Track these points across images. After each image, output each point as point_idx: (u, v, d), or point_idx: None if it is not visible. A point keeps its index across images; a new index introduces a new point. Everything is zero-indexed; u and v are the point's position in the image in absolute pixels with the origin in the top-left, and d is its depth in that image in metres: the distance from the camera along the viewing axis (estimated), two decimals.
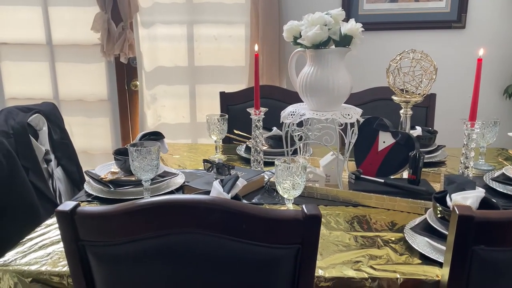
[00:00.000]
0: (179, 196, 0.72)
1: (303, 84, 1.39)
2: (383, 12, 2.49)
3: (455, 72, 2.50)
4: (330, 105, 1.40)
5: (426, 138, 1.75)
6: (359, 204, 1.32)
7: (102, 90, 2.71)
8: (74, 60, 2.67)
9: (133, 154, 1.20)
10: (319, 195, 1.37)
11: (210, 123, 1.74)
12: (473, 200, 1.06)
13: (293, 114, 1.42)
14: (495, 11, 2.41)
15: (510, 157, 1.74)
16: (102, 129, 2.76)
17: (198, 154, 1.84)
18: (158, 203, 0.71)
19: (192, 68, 2.63)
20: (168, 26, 2.56)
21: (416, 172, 1.33)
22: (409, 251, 1.04)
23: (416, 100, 1.42)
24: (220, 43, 2.58)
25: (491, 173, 1.51)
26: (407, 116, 1.46)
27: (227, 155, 1.82)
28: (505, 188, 1.38)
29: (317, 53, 1.36)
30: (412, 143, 1.39)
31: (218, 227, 0.71)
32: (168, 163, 1.71)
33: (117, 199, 1.32)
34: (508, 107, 2.53)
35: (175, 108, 2.70)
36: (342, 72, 1.38)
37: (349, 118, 1.37)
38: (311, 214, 0.72)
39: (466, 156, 1.34)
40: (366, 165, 1.48)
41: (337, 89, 1.36)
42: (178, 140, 2.72)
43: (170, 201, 0.70)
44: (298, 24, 1.38)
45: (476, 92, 1.31)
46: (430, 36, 2.49)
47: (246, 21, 2.51)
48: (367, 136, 1.48)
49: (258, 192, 1.41)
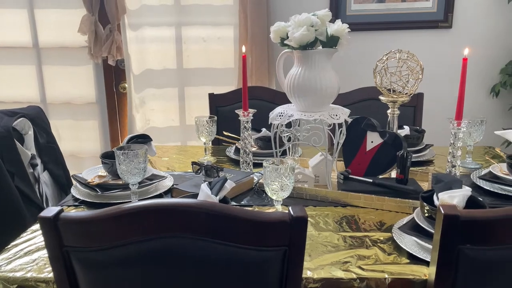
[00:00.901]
0: (164, 200, 0.71)
1: (290, 85, 1.39)
2: (370, 13, 2.50)
3: (442, 71, 2.52)
4: (318, 105, 1.40)
5: (414, 138, 1.76)
6: (348, 204, 1.32)
7: (90, 92, 2.69)
8: (61, 62, 2.64)
9: (120, 158, 1.19)
10: (308, 195, 1.37)
11: (198, 125, 1.73)
12: (459, 199, 1.07)
13: (281, 115, 1.42)
14: (481, 10, 2.44)
15: (497, 155, 1.75)
16: (91, 132, 2.74)
17: (187, 156, 1.83)
18: (144, 207, 0.70)
19: (181, 70, 2.62)
20: (156, 28, 2.54)
21: (404, 171, 1.34)
22: (397, 251, 1.05)
23: (403, 100, 1.43)
24: (209, 44, 2.57)
25: (478, 172, 1.53)
26: (394, 116, 1.46)
27: (216, 157, 1.82)
28: (492, 186, 1.39)
29: (304, 54, 1.36)
30: (400, 143, 1.40)
31: (205, 230, 0.71)
32: (156, 165, 1.70)
33: (104, 203, 1.30)
34: (495, 106, 2.56)
35: (164, 111, 2.69)
36: (330, 72, 1.38)
37: (337, 118, 1.37)
38: (298, 216, 0.71)
39: (453, 155, 1.35)
40: (355, 165, 1.48)
41: (325, 89, 1.36)
42: (168, 144, 2.70)
43: (156, 205, 0.70)
44: (285, 25, 1.38)
45: (462, 91, 1.32)
46: (417, 35, 2.51)
47: (235, 22, 2.51)
48: (356, 136, 1.48)
49: (248, 194, 1.41)
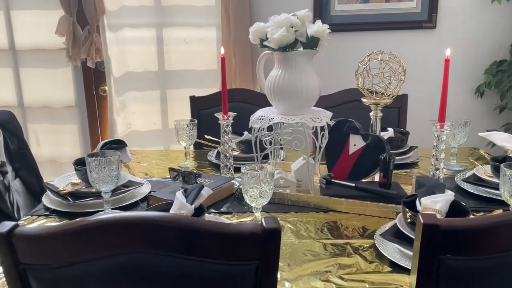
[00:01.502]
0: (126, 214, 0.67)
1: (271, 88, 1.36)
2: (354, 13, 2.48)
3: (426, 72, 2.51)
4: (299, 108, 1.36)
5: (398, 140, 1.74)
6: (330, 210, 1.28)
7: (69, 96, 2.61)
8: (39, 65, 2.57)
9: (91, 165, 1.14)
10: (289, 201, 1.33)
11: (178, 128, 1.68)
12: (442, 204, 1.04)
13: (261, 119, 1.38)
14: (465, 11, 2.43)
15: (481, 156, 1.74)
16: (70, 136, 2.66)
17: (167, 161, 1.78)
18: (104, 222, 0.65)
19: (163, 73, 2.57)
20: (137, 30, 2.49)
21: (387, 175, 1.31)
22: (379, 258, 1.01)
23: (385, 102, 1.40)
24: (191, 46, 2.52)
25: (462, 174, 1.51)
26: (377, 118, 1.43)
27: (197, 162, 1.77)
28: (476, 189, 1.37)
29: (284, 55, 1.32)
30: (382, 146, 1.36)
31: (171, 245, 0.66)
32: (134, 171, 1.64)
33: (76, 212, 1.25)
34: (479, 106, 2.55)
35: (146, 114, 2.63)
36: (311, 74, 1.35)
37: (318, 121, 1.34)
38: (270, 227, 0.67)
39: (437, 158, 1.32)
40: (338, 169, 1.45)
41: (306, 92, 1.33)
42: (150, 148, 2.64)
43: (117, 220, 0.65)
44: (264, 26, 1.34)
45: (444, 93, 1.29)
46: (402, 36, 2.49)
47: (217, 23, 2.46)
48: (338, 139, 1.45)
49: (228, 200, 1.36)
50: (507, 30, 2.43)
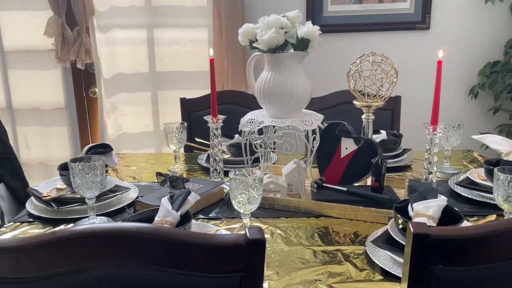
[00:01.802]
0: (102, 225, 0.63)
1: (261, 90, 1.33)
2: (348, 14, 2.46)
3: (420, 73, 2.49)
4: (290, 111, 1.33)
5: (391, 142, 1.72)
6: (321, 215, 1.25)
7: (58, 98, 2.57)
8: (28, 66, 2.52)
9: (74, 170, 1.10)
10: (280, 206, 1.30)
11: (167, 132, 1.64)
12: (434, 209, 1.01)
13: (251, 122, 1.35)
14: (459, 11, 2.41)
15: (475, 159, 1.72)
16: (60, 139, 2.62)
17: (156, 164, 1.75)
18: (79, 233, 0.62)
19: (154, 74, 2.53)
20: (127, 30, 2.45)
21: (379, 179, 1.28)
22: (371, 266, 0.99)
23: (377, 105, 1.37)
24: (182, 47, 2.49)
25: (456, 177, 1.48)
26: (369, 121, 1.41)
27: (188, 165, 1.74)
28: (470, 193, 1.34)
29: (274, 57, 1.30)
30: (375, 149, 1.34)
31: (150, 258, 0.63)
32: (122, 175, 1.61)
33: (61, 219, 1.21)
34: (474, 108, 2.54)
35: (137, 116, 2.59)
36: (301, 76, 1.32)
37: (309, 124, 1.31)
38: (254, 238, 0.64)
39: (430, 161, 1.30)
40: (330, 173, 1.42)
41: (296, 94, 1.30)
42: (141, 150, 2.61)
43: (92, 231, 0.62)
44: (254, 27, 1.31)
45: (437, 95, 1.27)
46: (395, 37, 2.47)
47: (209, 24, 2.43)
48: (330, 143, 1.42)
49: (217, 205, 1.33)
50: (501, 31, 2.41)
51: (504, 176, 1.06)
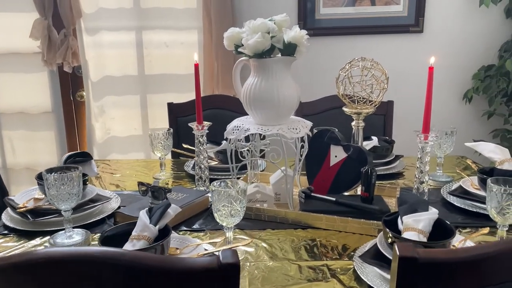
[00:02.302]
0: (61, 249, 0.59)
1: (247, 96, 1.28)
2: (340, 17, 2.42)
3: (413, 77, 2.45)
4: (277, 118, 1.29)
5: (383, 149, 1.67)
6: (309, 226, 1.21)
7: (45, 101, 2.52)
8: (13, 69, 2.47)
9: (48, 181, 1.05)
10: (266, 217, 1.25)
11: (153, 138, 1.60)
12: (425, 223, 0.97)
13: (237, 129, 1.30)
14: (453, 14, 2.38)
15: (468, 166, 1.68)
16: (47, 143, 2.56)
17: (142, 171, 1.70)
18: (36, 259, 0.57)
19: (143, 77, 2.48)
20: (115, 33, 2.40)
21: (369, 189, 1.24)
22: (358, 283, 0.94)
23: (367, 112, 1.33)
24: (172, 49, 2.44)
25: (449, 185, 1.44)
26: (359, 128, 1.36)
27: (174, 172, 1.69)
28: (463, 203, 1.30)
29: (260, 62, 1.25)
30: (364, 158, 1.30)
31: (115, 285, 0.58)
32: (105, 183, 1.56)
33: (36, 232, 1.16)
34: (468, 112, 2.50)
35: (126, 119, 2.54)
36: (289, 82, 1.27)
37: (296, 132, 1.26)
38: (227, 263, 0.60)
39: (421, 170, 1.25)
40: (319, 181, 1.38)
41: (283, 101, 1.25)
42: (130, 154, 2.56)
43: (50, 256, 0.57)
44: (239, 32, 1.26)
45: (428, 102, 1.23)
46: (388, 40, 2.44)
47: (199, 26, 2.38)
48: (319, 150, 1.37)
49: (202, 216, 1.28)
50: (495, 34, 2.38)
51: (498, 188, 1.02)
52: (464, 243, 1.04)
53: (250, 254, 1.06)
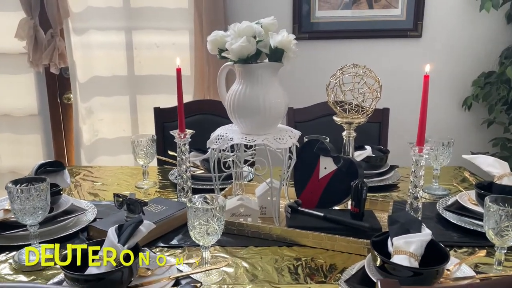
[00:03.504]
0: None
1: (231, 104, 1.21)
2: (336, 20, 2.34)
3: (411, 83, 2.38)
4: (263, 127, 1.21)
5: (377, 159, 1.60)
6: (295, 243, 1.13)
7: (31, 103, 2.44)
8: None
9: (12, 194, 0.97)
10: (250, 232, 1.18)
11: (135, 145, 1.52)
12: (417, 245, 0.90)
13: (220, 138, 1.22)
14: (452, 19, 2.30)
15: (466, 178, 1.60)
16: (33, 147, 2.49)
17: (125, 179, 1.62)
18: None
19: (132, 78, 2.41)
20: (104, 33, 2.33)
21: (359, 204, 1.16)
22: None
23: (359, 122, 1.26)
24: (162, 50, 2.37)
25: (445, 199, 1.37)
26: (350, 139, 1.29)
27: (159, 181, 1.61)
28: (459, 220, 1.22)
29: (246, 68, 1.18)
30: (355, 170, 1.22)
31: None
32: (83, 192, 1.48)
33: (3, 246, 1.09)
34: (467, 120, 2.42)
35: (114, 121, 2.47)
36: (275, 90, 1.20)
37: (282, 143, 1.19)
38: None
39: (415, 185, 1.18)
40: (307, 194, 1.30)
41: (269, 109, 1.18)
42: (119, 156, 2.49)
43: None
44: (224, 35, 1.19)
45: (423, 112, 1.15)
46: (386, 45, 2.36)
47: (190, 27, 2.31)
48: (308, 161, 1.30)
49: (181, 230, 1.21)
50: (495, 39, 2.30)
51: (496, 208, 0.94)
52: (459, 267, 0.96)
53: (228, 275, 0.99)
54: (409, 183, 1.21)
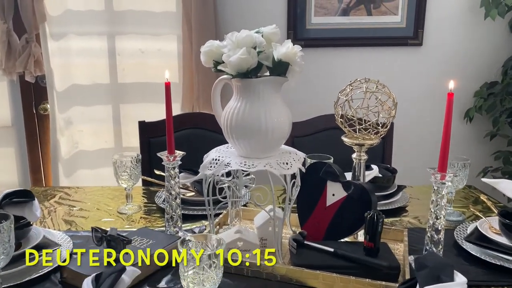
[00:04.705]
0: None
1: (228, 123, 1.06)
2: (333, 27, 2.22)
3: (412, 93, 2.27)
4: (264, 150, 1.07)
5: (384, 179, 1.47)
6: (302, 285, 0.99)
7: (4, 114, 2.25)
8: None
9: None
10: (250, 272, 1.03)
11: (117, 166, 1.36)
12: None
13: (216, 163, 1.07)
14: (455, 27, 2.20)
15: (478, 199, 1.48)
16: (6, 161, 2.29)
17: (106, 203, 1.45)
18: None
19: (115, 86, 2.24)
20: (84, 38, 2.16)
21: (375, 238, 1.02)
22: None
23: (372, 143, 1.12)
24: (148, 57, 2.21)
25: (462, 227, 1.24)
26: (361, 162, 1.15)
27: (144, 204, 1.45)
28: (483, 253, 1.09)
29: (245, 83, 1.03)
30: (368, 198, 1.08)
31: None
32: (58, 220, 1.31)
33: None
34: (469, 132, 2.32)
35: (96, 132, 2.30)
36: (279, 107, 1.06)
37: (287, 168, 1.04)
38: None
39: (436, 216, 1.04)
40: (312, 224, 1.16)
41: (272, 130, 1.03)
42: (100, 169, 2.32)
43: None
44: (220, 46, 1.04)
45: (446, 134, 1.03)
46: (385, 53, 2.25)
47: (178, 32, 2.16)
48: (313, 186, 1.16)
49: (171, 269, 1.05)
50: (498, 48, 2.21)
51: None
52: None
53: None
54: (428, 216, 1.07)
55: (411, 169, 1.89)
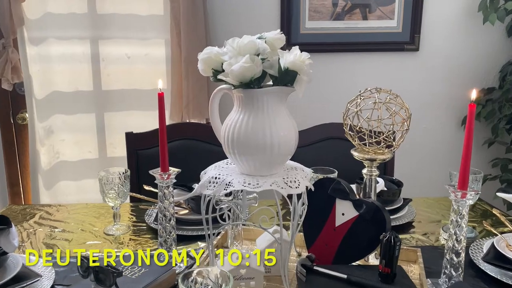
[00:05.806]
0: None
1: (229, 138, 0.96)
2: (327, 31, 2.14)
3: (408, 99, 2.17)
4: (269, 167, 0.97)
5: (390, 193, 1.39)
6: None
7: None
8: None
9: None
10: None
11: (104, 183, 1.24)
12: None
13: (215, 182, 0.97)
14: (452, 31, 2.15)
15: (487, 212, 1.41)
16: None
17: (92, 223, 1.33)
18: None
19: (99, 93, 2.11)
20: (66, 43, 2.03)
21: (391, 263, 0.94)
22: None
23: (384, 158, 1.04)
24: (134, 63, 2.09)
25: (476, 244, 1.17)
26: (372, 178, 1.07)
27: (132, 223, 1.34)
28: (502, 274, 1.02)
29: (248, 94, 0.93)
30: (382, 218, 1.00)
31: None
32: (38, 244, 1.18)
33: None
34: None
35: (78, 142, 2.16)
36: (285, 120, 0.96)
37: (295, 187, 0.95)
38: None
39: (457, 239, 0.96)
40: (320, 246, 1.07)
41: (278, 145, 0.94)
42: (84, 181, 2.19)
43: None
44: (219, 53, 0.94)
45: (468, 148, 0.95)
46: (381, 58, 2.18)
47: (166, 37, 2.05)
48: (320, 205, 1.07)
49: None
50: (496, 54, 2.17)
51: None
52: None
53: None
54: (447, 239, 0.99)
55: (409, 177, 1.82)
